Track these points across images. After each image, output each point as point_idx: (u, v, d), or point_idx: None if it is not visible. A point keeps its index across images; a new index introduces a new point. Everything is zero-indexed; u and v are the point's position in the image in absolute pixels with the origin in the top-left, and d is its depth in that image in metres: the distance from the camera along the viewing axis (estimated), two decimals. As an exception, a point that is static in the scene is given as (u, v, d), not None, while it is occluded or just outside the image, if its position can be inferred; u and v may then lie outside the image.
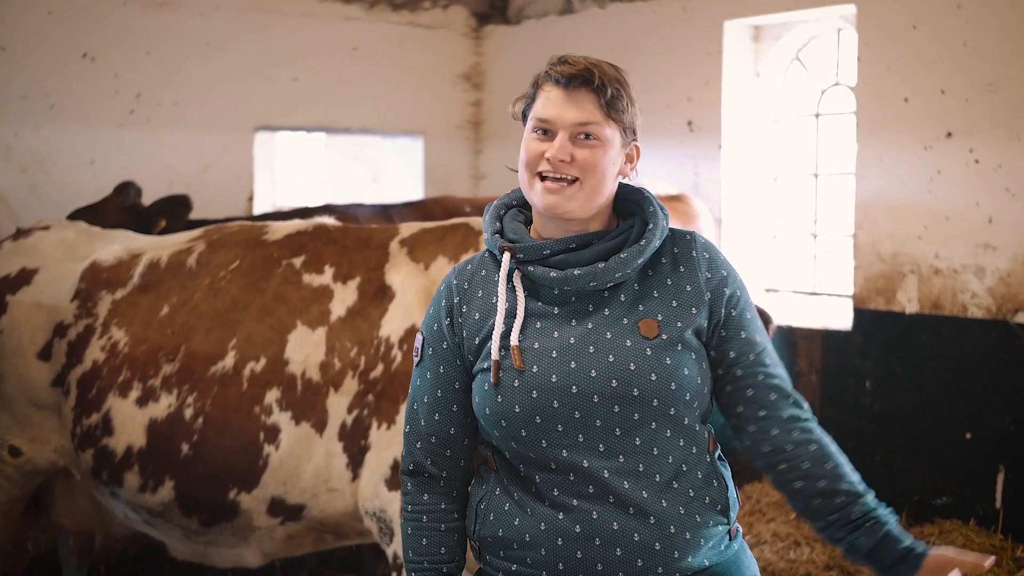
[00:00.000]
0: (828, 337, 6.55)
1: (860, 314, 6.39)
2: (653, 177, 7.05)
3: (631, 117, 2.35)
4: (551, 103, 2.30)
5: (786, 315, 6.84)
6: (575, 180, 2.29)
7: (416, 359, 2.48)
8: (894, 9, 6.17)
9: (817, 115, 7.22)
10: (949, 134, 5.91)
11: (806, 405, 2.43)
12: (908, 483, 6.07)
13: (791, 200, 7.41)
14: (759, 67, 7.34)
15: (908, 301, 6.12)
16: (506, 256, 2.36)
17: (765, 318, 4.48)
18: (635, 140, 2.39)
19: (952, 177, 5.91)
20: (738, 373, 2.37)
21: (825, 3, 6.63)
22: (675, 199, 6.58)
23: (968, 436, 5.83)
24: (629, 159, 2.40)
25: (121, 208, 5.98)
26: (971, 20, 5.80)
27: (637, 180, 2.47)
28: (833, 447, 2.39)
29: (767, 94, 7.35)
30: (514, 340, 2.30)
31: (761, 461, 2.40)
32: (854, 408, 6.38)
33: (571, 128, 2.29)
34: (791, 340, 6.66)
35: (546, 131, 2.31)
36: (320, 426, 3.86)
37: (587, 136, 2.29)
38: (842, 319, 6.60)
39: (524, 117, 2.40)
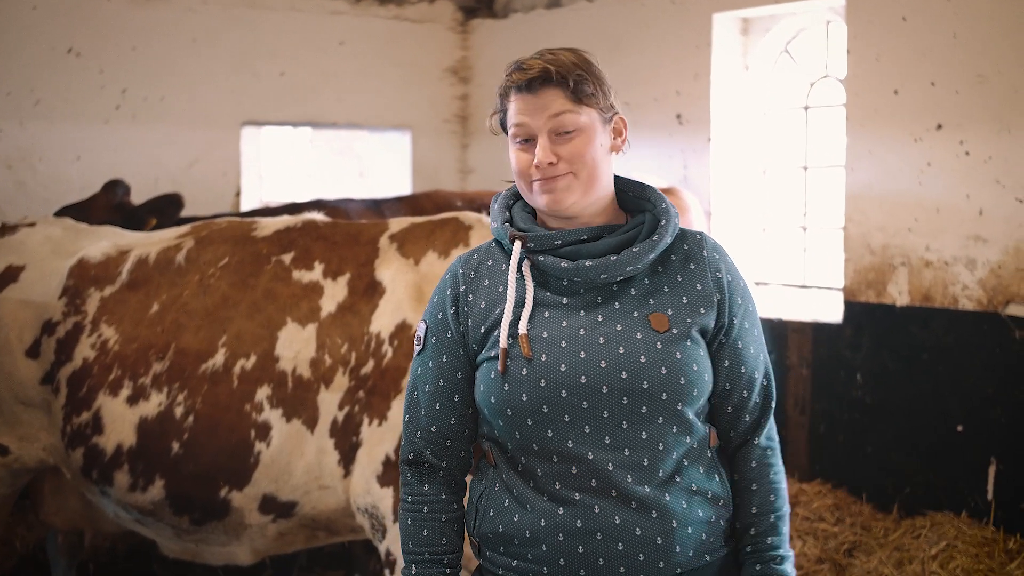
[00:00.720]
0: (818, 330, 6.55)
1: (850, 307, 6.39)
2: (642, 171, 7.03)
3: (602, 94, 2.35)
4: (520, 111, 2.32)
5: (776, 308, 6.84)
6: (568, 172, 2.30)
7: (418, 347, 2.47)
8: (884, 1, 6.16)
9: (806, 108, 7.21)
10: (939, 126, 5.90)
11: (769, 426, 2.44)
12: (899, 476, 6.07)
13: (780, 193, 7.40)
14: (748, 60, 7.33)
15: (899, 293, 6.12)
16: (516, 244, 2.36)
17: None
18: (617, 113, 2.39)
19: (942, 169, 5.91)
20: (726, 387, 2.38)
21: (814, -5, 6.64)
22: (666, 192, 6.56)
23: (959, 428, 5.83)
24: (617, 133, 2.40)
25: (109, 206, 5.94)
26: (961, 12, 5.79)
27: (628, 173, 2.46)
28: (770, 492, 2.40)
29: (756, 87, 7.33)
30: (523, 328, 2.30)
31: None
32: (845, 401, 6.38)
33: (546, 128, 2.30)
34: (781, 333, 6.65)
35: (527, 139, 2.32)
36: (311, 423, 3.84)
37: (566, 131, 2.30)
38: (832, 312, 6.60)
39: (503, 127, 2.41)
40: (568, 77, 2.29)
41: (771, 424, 2.44)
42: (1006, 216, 5.63)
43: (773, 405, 2.43)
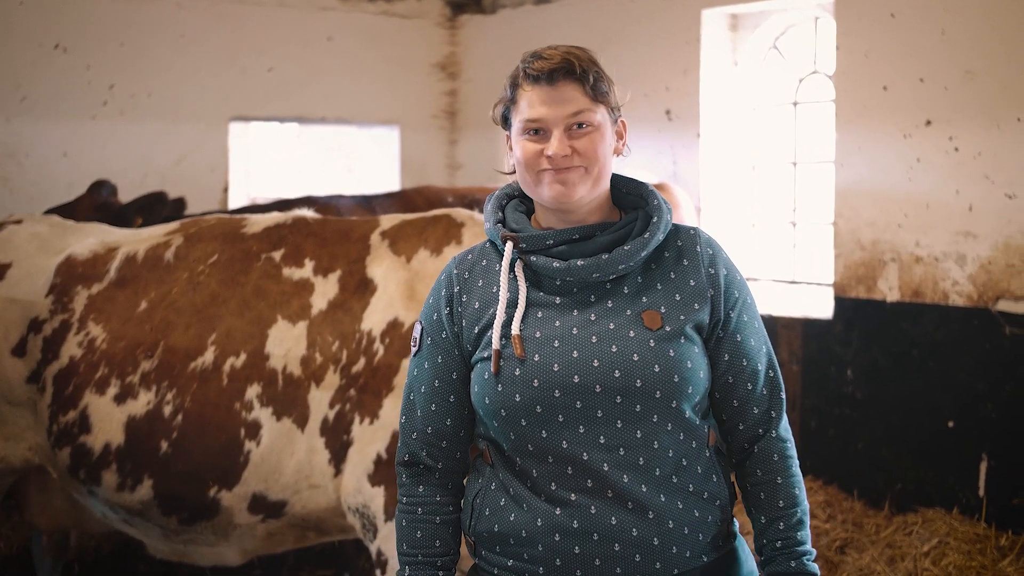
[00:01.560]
0: (809, 326, 6.54)
1: (841, 302, 6.38)
2: (631, 166, 7.00)
3: (613, 95, 2.35)
4: (538, 103, 2.28)
5: (766, 304, 6.83)
6: (580, 166, 2.28)
7: (414, 348, 2.46)
8: (872, -3, 6.17)
9: (795, 103, 7.21)
10: (928, 122, 5.90)
11: (784, 421, 2.42)
12: (890, 472, 6.07)
13: (770, 189, 7.40)
14: (737, 56, 7.32)
15: (889, 289, 6.12)
16: (508, 245, 2.35)
17: None
18: (620, 116, 2.39)
19: (932, 165, 5.91)
20: (729, 380, 2.36)
21: (803, -8, 6.64)
22: (657, 188, 6.54)
23: (950, 424, 5.83)
24: (619, 135, 2.40)
25: (95, 207, 5.90)
26: (949, 8, 5.79)
27: (618, 169, 2.45)
28: (793, 486, 2.38)
29: (745, 83, 7.33)
30: (515, 329, 2.28)
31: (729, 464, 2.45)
32: (835, 397, 6.37)
33: (565, 122, 2.28)
34: (771, 329, 6.62)
35: (538, 130, 2.29)
36: (302, 421, 3.81)
37: (581, 125, 2.28)
38: (823, 308, 6.59)
39: (505, 120, 2.38)
40: (588, 72, 2.28)
41: (785, 417, 2.42)
42: (996, 212, 5.64)
43: (783, 397, 2.41)
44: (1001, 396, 5.61)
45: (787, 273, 7.25)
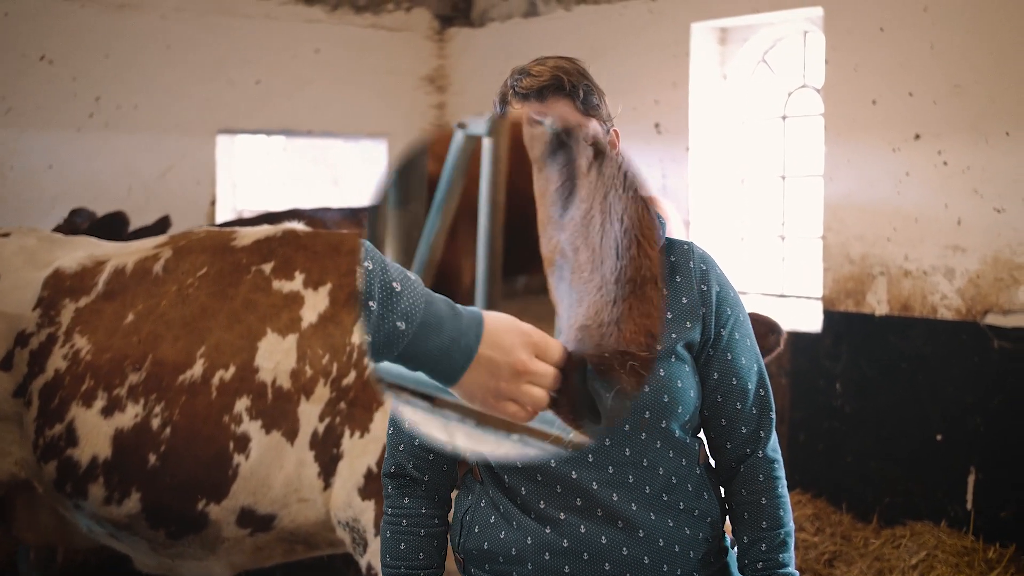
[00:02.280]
0: (798, 339, 6.54)
1: (830, 316, 6.39)
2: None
3: (604, 106, 2.31)
4: None
5: (755, 318, 6.83)
6: None
7: None
8: (861, 11, 6.18)
9: (784, 117, 7.22)
10: (917, 136, 5.92)
11: (773, 440, 2.39)
12: (879, 485, 6.07)
13: (759, 202, 7.41)
14: (726, 69, 7.33)
15: (878, 303, 6.12)
16: None
17: (773, 327, 4.40)
18: (612, 126, 2.36)
19: (921, 179, 5.92)
20: (718, 399, 2.34)
21: (791, 6, 6.64)
22: (645, 202, 6.54)
23: (939, 438, 5.83)
24: (612, 145, 2.35)
25: (70, 233, 5.88)
26: (938, 22, 5.81)
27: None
28: (779, 507, 2.35)
29: (734, 96, 7.34)
30: None
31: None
32: (824, 410, 6.37)
33: None
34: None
35: None
36: (291, 435, 3.78)
37: None
38: (812, 321, 6.60)
39: None
40: (578, 87, 2.24)
41: (775, 437, 2.40)
42: (984, 226, 5.65)
43: (773, 416, 2.38)
44: (989, 409, 5.61)
45: (776, 287, 7.25)
